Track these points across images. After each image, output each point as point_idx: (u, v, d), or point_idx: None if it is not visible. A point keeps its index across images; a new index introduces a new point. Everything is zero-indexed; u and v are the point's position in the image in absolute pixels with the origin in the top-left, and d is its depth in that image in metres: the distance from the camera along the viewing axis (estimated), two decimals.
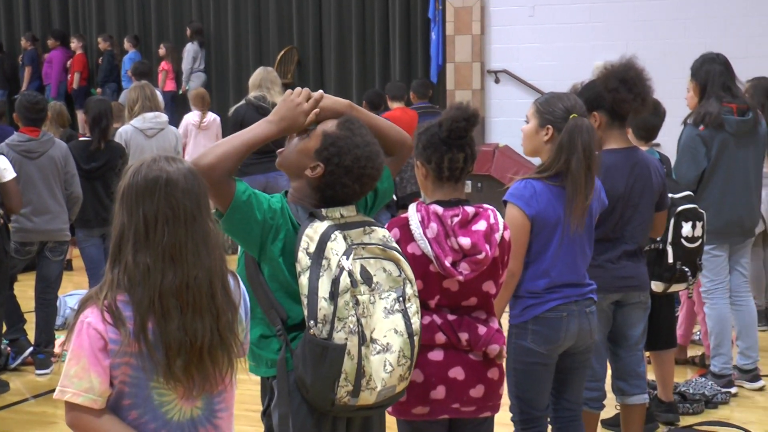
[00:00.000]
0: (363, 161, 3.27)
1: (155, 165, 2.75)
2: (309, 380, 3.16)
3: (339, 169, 3.26)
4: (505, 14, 14.26)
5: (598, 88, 4.70)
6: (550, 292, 4.14)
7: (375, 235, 3.29)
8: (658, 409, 5.85)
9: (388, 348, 3.20)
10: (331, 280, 3.12)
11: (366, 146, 3.29)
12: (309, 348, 3.14)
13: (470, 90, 14.34)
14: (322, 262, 3.13)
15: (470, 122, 3.65)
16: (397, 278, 3.27)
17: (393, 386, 3.24)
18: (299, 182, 3.37)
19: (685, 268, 5.50)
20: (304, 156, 3.34)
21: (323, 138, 3.30)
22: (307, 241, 3.17)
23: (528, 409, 4.23)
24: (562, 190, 4.11)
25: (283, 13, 15.90)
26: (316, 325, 3.11)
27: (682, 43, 12.70)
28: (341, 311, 3.11)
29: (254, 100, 9.10)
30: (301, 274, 3.16)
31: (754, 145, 6.26)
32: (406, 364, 3.25)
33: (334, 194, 3.30)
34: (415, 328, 3.28)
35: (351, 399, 3.17)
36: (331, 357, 3.11)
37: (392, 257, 3.28)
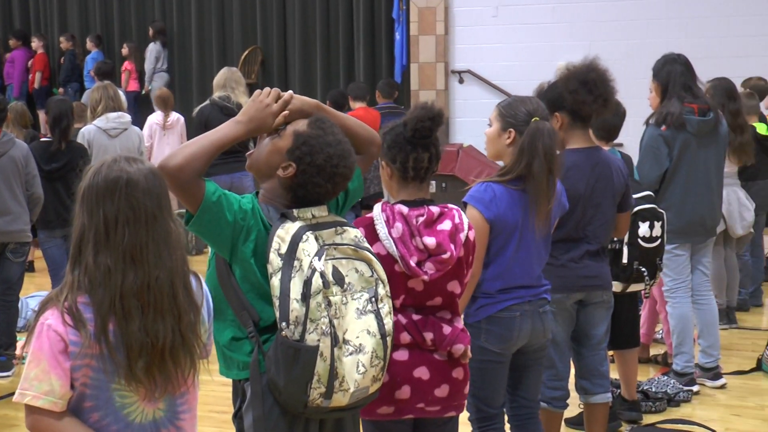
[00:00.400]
0: (335, 160, 3.25)
1: (115, 165, 2.73)
2: (281, 382, 3.14)
3: (311, 169, 3.24)
4: (469, 14, 14.30)
5: (559, 89, 4.71)
6: (503, 293, 4.17)
7: (347, 235, 3.28)
8: (622, 408, 5.88)
9: (361, 349, 3.19)
10: (303, 281, 3.09)
11: (338, 145, 3.28)
12: (281, 350, 3.11)
13: (434, 90, 14.37)
14: (293, 264, 3.11)
15: (435, 122, 3.66)
16: (369, 278, 3.26)
17: (366, 387, 3.23)
18: (270, 182, 3.34)
19: (642, 268, 5.53)
20: (275, 156, 3.31)
21: (294, 137, 3.28)
22: (278, 242, 3.15)
23: (483, 407, 4.25)
24: (523, 194, 4.13)
25: (246, 12, 15.86)
26: (288, 327, 3.09)
27: (645, 43, 12.79)
28: (313, 313, 3.09)
29: (219, 100, 9.07)
30: (273, 276, 3.13)
31: (714, 145, 6.30)
32: (379, 365, 3.24)
33: (307, 194, 3.28)
34: (388, 328, 3.27)
35: (324, 401, 3.15)
36: (304, 359, 3.09)
37: (364, 257, 3.27)
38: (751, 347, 7.45)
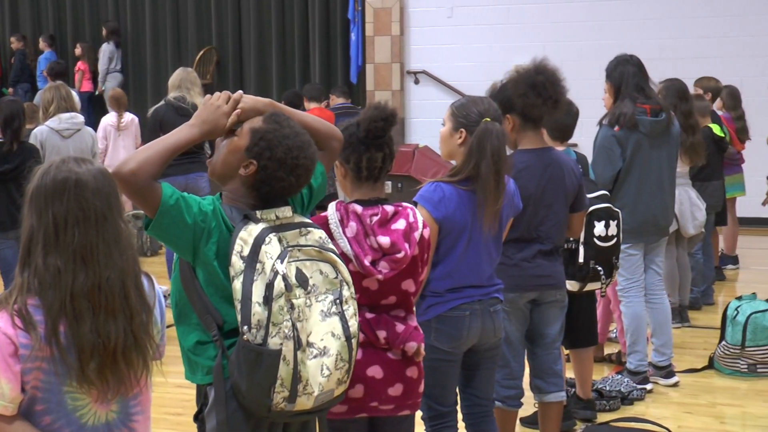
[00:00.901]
0: (295, 152, 3.23)
1: (64, 166, 2.71)
2: (244, 387, 3.11)
3: (272, 163, 3.22)
4: (424, 15, 14.33)
5: (509, 92, 4.73)
6: (452, 292, 4.18)
7: (311, 236, 3.25)
8: (576, 407, 5.90)
9: (325, 352, 3.16)
10: (265, 284, 3.06)
11: (296, 137, 3.26)
12: (243, 354, 3.08)
13: (390, 90, 14.39)
14: (256, 266, 3.08)
15: (388, 122, 3.66)
16: (333, 280, 3.24)
17: (331, 390, 3.20)
18: (232, 184, 3.31)
19: (598, 267, 5.56)
20: (234, 156, 3.28)
21: (251, 134, 3.26)
22: (240, 244, 3.11)
23: (435, 405, 4.25)
24: (472, 194, 4.14)
25: (201, 12, 15.80)
26: (250, 331, 3.06)
27: (598, 44, 12.87)
28: (276, 316, 3.06)
29: (174, 101, 9.01)
30: (235, 279, 3.10)
31: (667, 146, 6.35)
32: (344, 368, 3.22)
33: (271, 190, 3.26)
34: (353, 330, 3.25)
35: (287, 405, 3.13)
36: (266, 363, 3.06)
37: (328, 259, 3.25)
38: (703, 345, 7.52)
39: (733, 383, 6.73)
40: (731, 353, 6.84)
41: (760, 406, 6.30)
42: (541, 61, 4.74)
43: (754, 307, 6.87)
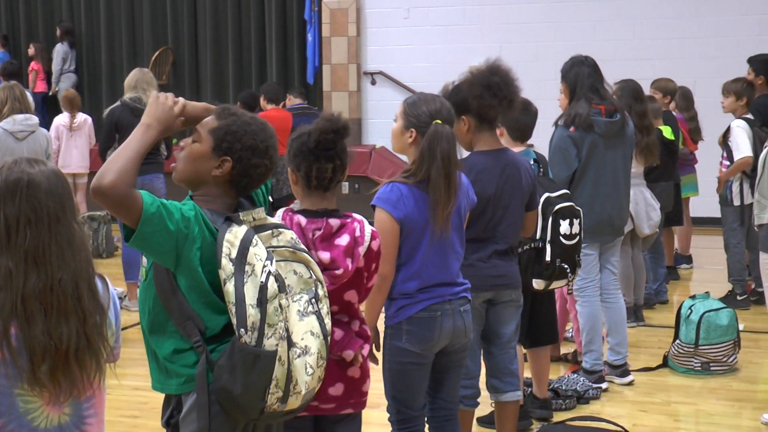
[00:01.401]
0: (261, 134, 3.25)
1: (16, 167, 2.69)
2: (238, 390, 3.08)
3: (246, 153, 3.22)
4: (381, 16, 14.35)
5: (464, 93, 4.72)
6: (423, 292, 4.17)
7: (283, 237, 3.25)
8: (533, 406, 5.92)
9: (307, 351, 3.16)
10: (257, 286, 3.05)
11: (254, 121, 3.28)
12: (240, 357, 3.05)
13: (347, 91, 14.39)
14: (245, 268, 3.06)
15: (339, 134, 3.65)
16: (308, 280, 3.23)
17: (314, 388, 3.21)
18: (205, 187, 3.28)
19: (565, 265, 5.57)
20: (203, 162, 3.26)
21: (213, 135, 3.24)
22: (228, 246, 3.08)
23: (404, 409, 4.25)
24: (427, 194, 4.14)
25: (157, 12, 15.71)
26: (246, 333, 3.04)
27: (554, 45, 12.95)
28: (271, 318, 3.05)
29: (130, 101, 8.96)
30: (227, 282, 3.07)
31: (622, 146, 6.39)
32: (323, 365, 3.22)
33: (249, 180, 3.27)
34: (329, 328, 3.26)
35: (280, 405, 3.12)
36: (262, 364, 3.05)
37: (302, 259, 3.25)
38: (657, 344, 7.58)
39: (686, 381, 6.79)
40: (685, 352, 6.90)
41: (713, 403, 6.36)
42: (495, 61, 4.74)
43: (708, 306, 6.93)
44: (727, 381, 6.77)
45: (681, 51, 13.05)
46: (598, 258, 6.53)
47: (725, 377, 6.83)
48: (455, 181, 4.15)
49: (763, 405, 6.25)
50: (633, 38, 13.25)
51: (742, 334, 7.09)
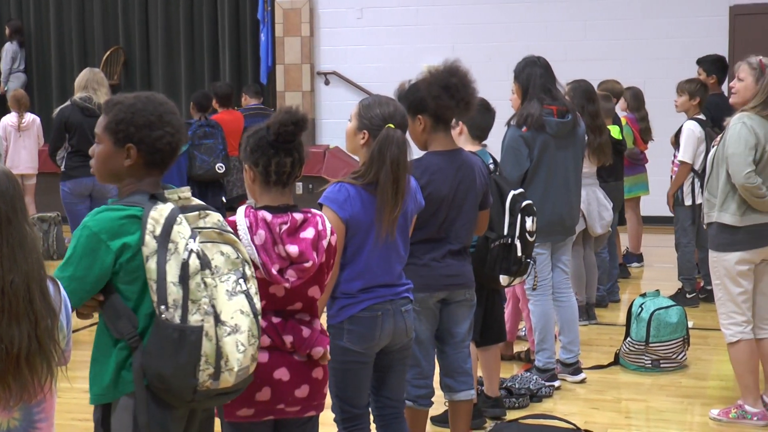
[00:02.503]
0: (149, 107, 3.27)
1: None
2: (169, 370, 3.07)
3: (143, 131, 3.24)
4: (334, 16, 14.34)
5: (421, 92, 4.72)
6: (365, 292, 4.18)
7: (210, 219, 3.26)
8: (486, 405, 5.94)
9: (237, 329, 3.15)
10: (179, 263, 3.06)
11: (137, 99, 3.30)
12: (164, 335, 3.06)
13: (300, 92, 14.37)
14: (168, 246, 3.07)
15: (298, 126, 3.65)
16: (235, 260, 3.24)
17: (247, 366, 3.20)
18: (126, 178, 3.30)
19: (529, 260, 5.59)
20: (112, 159, 3.28)
21: (108, 130, 3.27)
22: (152, 223, 3.09)
23: (348, 407, 4.25)
24: (374, 196, 4.14)
25: (108, 12, 15.59)
26: (168, 310, 3.05)
27: (506, 46, 13.00)
28: (194, 293, 3.07)
29: (80, 101, 8.89)
30: (149, 259, 3.08)
31: (573, 146, 6.43)
32: (255, 344, 3.22)
33: (161, 153, 3.28)
34: (258, 307, 3.25)
35: (213, 382, 3.11)
36: (190, 340, 3.05)
37: (229, 240, 3.26)
38: (609, 342, 7.64)
39: (637, 379, 6.85)
40: (636, 349, 6.95)
41: (663, 400, 6.42)
42: (453, 62, 4.73)
43: (658, 304, 6.99)
44: (677, 378, 6.84)
45: (631, 52, 13.17)
46: (550, 257, 6.57)
47: (675, 374, 6.90)
48: (403, 185, 4.16)
49: (712, 401, 6.31)
50: (584, 39, 13.34)
51: (691, 332, 7.16)
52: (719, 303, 5.92)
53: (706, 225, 5.96)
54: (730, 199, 5.74)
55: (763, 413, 5.89)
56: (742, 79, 5.80)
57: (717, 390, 6.61)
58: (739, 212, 5.73)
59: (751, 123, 5.67)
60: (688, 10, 13.08)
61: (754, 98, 5.72)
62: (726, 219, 5.76)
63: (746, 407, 5.91)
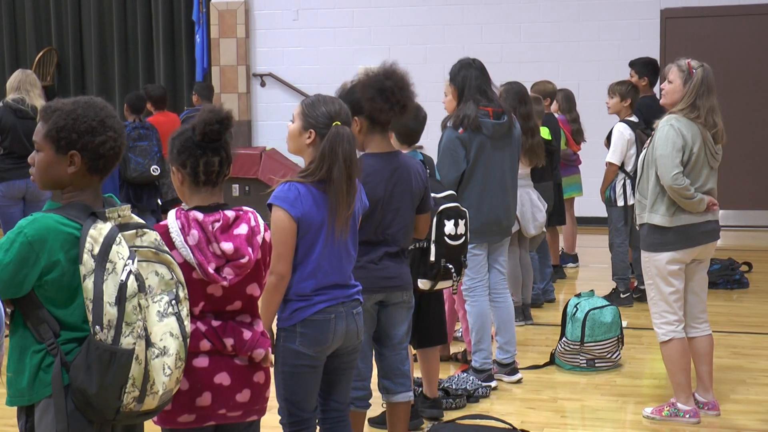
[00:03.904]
0: (90, 113, 3.24)
1: None
2: (94, 389, 3.06)
3: (86, 138, 3.21)
4: (270, 18, 14.30)
5: (357, 95, 4.70)
6: (318, 294, 4.15)
7: (146, 238, 3.24)
8: (423, 406, 5.95)
9: (165, 351, 3.15)
10: (117, 284, 3.04)
11: (76, 104, 3.26)
12: (96, 354, 3.04)
13: (236, 93, 14.31)
14: (106, 266, 3.05)
15: (224, 125, 3.63)
16: (169, 281, 3.23)
17: (171, 389, 3.20)
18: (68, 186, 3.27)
19: (449, 265, 5.60)
20: (54, 167, 3.25)
21: (49, 137, 3.23)
22: (91, 242, 3.07)
23: (296, 411, 4.22)
24: (326, 195, 4.12)
25: (40, 12, 15.42)
26: (102, 330, 3.03)
27: (442, 48, 13.05)
28: (129, 316, 3.05)
29: (13, 103, 8.78)
30: (86, 278, 3.06)
31: (509, 147, 6.46)
32: (181, 367, 3.22)
33: (105, 159, 3.25)
34: (188, 330, 3.25)
35: (137, 404, 3.11)
36: (119, 362, 3.04)
37: (164, 260, 3.24)
38: (545, 342, 7.69)
39: (573, 378, 6.90)
40: (571, 349, 7.00)
41: (598, 399, 6.48)
42: (391, 65, 4.71)
43: (593, 304, 7.05)
44: (612, 377, 6.90)
45: (565, 54, 13.28)
46: (487, 258, 6.60)
47: (609, 373, 6.96)
48: (355, 182, 4.16)
49: (646, 399, 6.38)
50: (518, 41, 13.42)
51: (625, 331, 7.24)
52: (651, 302, 5.98)
53: (638, 226, 6.02)
54: (660, 200, 5.81)
55: (695, 411, 5.97)
56: (671, 81, 5.87)
57: (650, 388, 6.69)
58: (669, 213, 5.79)
59: (679, 125, 5.74)
60: (621, 13, 13.22)
61: (682, 101, 5.78)
62: (656, 220, 5.82)
63: (679, 405, 5.98)
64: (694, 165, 5.78)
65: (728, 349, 7.46)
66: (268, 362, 3.76)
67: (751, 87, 12.97)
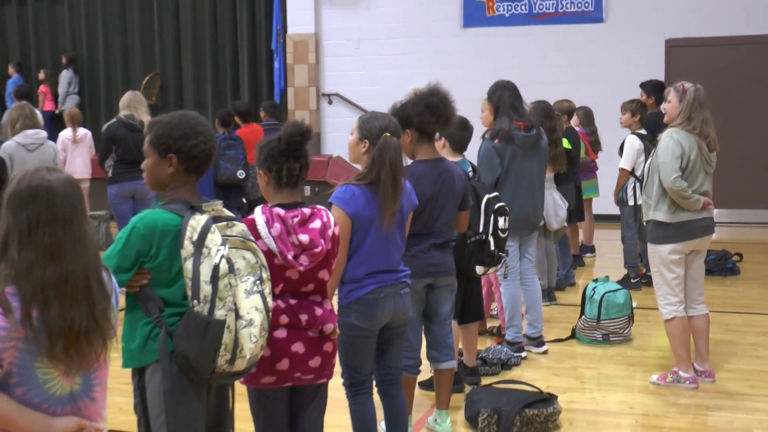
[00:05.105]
0: (184, 122, 3.28)
1: (37, 174, 2.65)
2: (193, 353, 3.09)
3: (180, 142, 3.25)
4: (336, 47, 14.34)
5: (407, 110, 4.71)
6: (369, 277, 4.16)
7: (236, 228, 3.27)
8: (464, 372, 5.95)
9: (252, 323, 3.17)
10: (211, 266, 3.07)
11: (173, 116, 3.31)
12: (194, 324, 3.08)
13: (308, 110, 14.36)
14: (202, 250, 3.09)
15: (304, 136, 3.65)
16: (254, 265, 3.25)
17: (256, 355, 3.22)
18: (170, 185, 3.31)
19: (502, 253, 5.60)
20: (158, 169, 3.31)
21: (152, 145, 3.29)
22: (190, 231, 3.12)
23: (354, 374, 4.24)
24: (375, 194, 4.14)
25: (146, 43, 15.60)
26: (199, 304, 3.07)
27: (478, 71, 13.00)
28: (222, 292, 3.08)
29: (124, 118, 8.90)
30: (186, 260, 3.10)
31: (537, 156, 6.43)
32: (264, 336, 3.24)
33: (198, 161, 3.29)
34: (270, 305, 3.27)
35: (228, 366, 3.14)
36: (214, 331, 3.07)
37: (250, 247, 3.27)
38: (567, 319, 7.64)
39: (590, 350, 6.85)
40: (589, 325, 6.96)
41: (612, 367, 6.44)
42: (435, 85, 4.72)
43: (607, 288, 7.01)
44: (623, 349, 6.85)
45: (583, 77, 13.19)
46: (518, 249, 6.58)
47: (622, 346, 6.91)
48: (401, 184, 4.16)
49: (652, 368, 6.33)
50: (544, 66, 13.35)
51: (635, 311, 7.18)
52: (657, 287, 5.94)
53: (645, 222, 5.99)
54: (663, 200, 5.77)
55: (694, 378, 5.93)
56: (669, 101, 5.86)
57: (656, 359, 6.63)
58: (670, 211, 5.76)
59: (678, 136, 5.72)
60: (631, 42, 13.11)
61: (679, 116, 5.76)
62: (659, 217, 5.79)
63: (680, 373, 5.94)
64: (692, 170, 5.73)
65: (722, 326, 7.38)
66: (336, 335, 3.78)
67: (743, 105, 12.81)
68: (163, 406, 3.22)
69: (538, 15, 13.46)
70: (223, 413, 3.45)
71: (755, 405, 5.65)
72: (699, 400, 5.75)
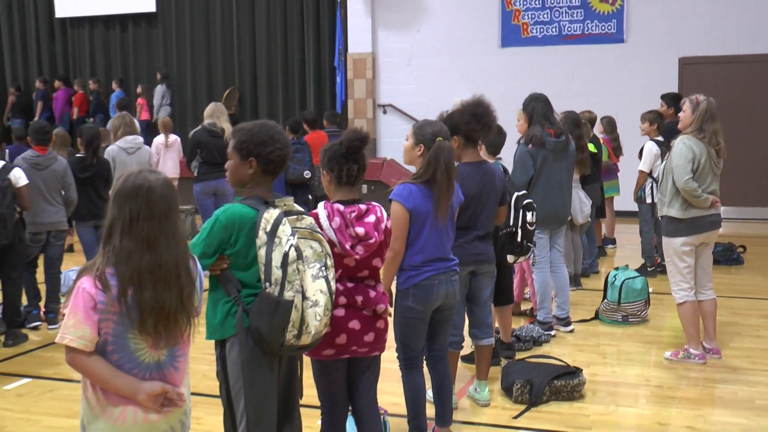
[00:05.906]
0: (263, 130, 3.27)
1: (141, 175, 2.68)
2: (265, 328, 3.10)
3: (260, 148, 3.24)
4: (390, 64, 14.33)
5: (455, 119, 4.67)
6: (425, 265, 4.13)
7: (304, 221, 3.26)
8: (501, 348, 5.91)
9: (317, 303, 3.16)
10: (282, 253, 3.07)
11: (254, 125, 3.29)
12: (266, 303, 3.08)
13: (365, 119, 14.36)
14: (274, 240, 3.09)
15: (363, 141, 3.64)
16: (320, 253, 3.23)
17: (320, 331, 3.21)
18: (249, 184, 3.31)
19: (530, 244, 5.54)
20: (239, 170, 3.30)
21: (235, 149, 3.28)
22: (264, 222, 3.12)
23: (409, 350, 4.22)
24: (431, 192, 4.11)
25: (227, 61, 15.74)
26: (270, 286, 3.06)
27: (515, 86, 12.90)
28: (290, 276, 3.07)
29: (208, 125, 8.98)
30: (260, 248, 3.10)
31: (566, 159, 6.36)
32: (328, 315, 3.22)
33: (275, 165, 3.27)
34: (333, 289, 3.25)
35: (295, 340, 3.13)
36: (283, 309, 3.07)
37: (317, 238, 3.26)
38: (591, 303, 7.55)
39: (611, 330, 6.76)
40: (610, 308, 6.88)
41: (631, 345, 6.34)
42: (479, 97, 4.69)
43: (627, 275, 6.92)
44: (640, 329, 6.75)
45: (607, 90, 13.03)
46: (549, 240, 6.51)
47: (639, 326, 6.81)
48: (453, 182, 4.13)
49: (666, 346, 6.24)
50: (573, 81, 13.21)
51: (651, 295, 7.09)
52: (670, 274, 5.85)
53: (660, 217, 5.90)
54: (675, 198, 5.70)
55: (702, 354, 5.84)
56: (684, 110, 5.78)
57: (669, 338, 6.52)
58: (682, 208, 5.68)
59: (690, 143, 5.64)
60: (649, 59, 12.92)
61: (691, 125, 5.68)
62: (673, 213, 5.71)
63: (690, 350, 5.84)
64: (701, 172, 5.64)
65: (728, 309, 7.24)
66: (387, 314, 3.76)
67: (747, 115, 12.60)
68: (240, 374, 3.23)
69: (567, 36, 13.34)
70: (293, 381, 3.45)
71: (757, 378, 5.55)
72: (707, 374, 5.65)
